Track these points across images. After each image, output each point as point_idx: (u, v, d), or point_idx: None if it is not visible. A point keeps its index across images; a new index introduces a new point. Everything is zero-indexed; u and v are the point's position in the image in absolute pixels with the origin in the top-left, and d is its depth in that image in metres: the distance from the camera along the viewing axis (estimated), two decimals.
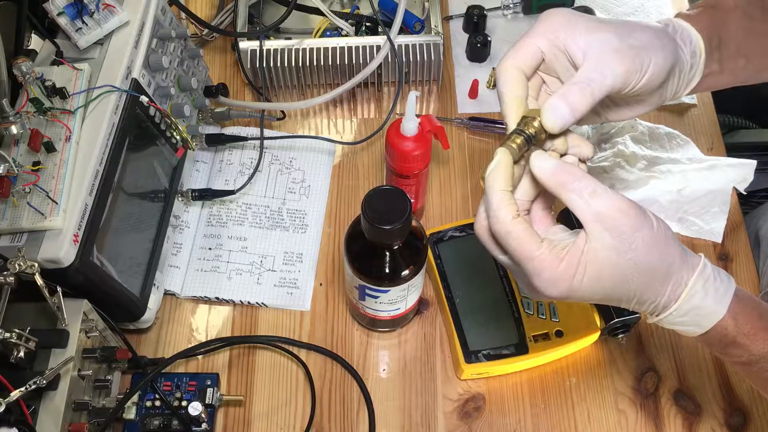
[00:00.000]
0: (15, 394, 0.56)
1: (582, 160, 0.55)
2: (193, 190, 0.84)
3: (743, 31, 0.62)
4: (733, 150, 0.91)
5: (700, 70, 0.60)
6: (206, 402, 0.74)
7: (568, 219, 0.81)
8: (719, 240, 0.85)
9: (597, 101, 0.51)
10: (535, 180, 0.52)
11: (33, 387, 0.57)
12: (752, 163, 0.87)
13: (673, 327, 0.55)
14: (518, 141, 0.52)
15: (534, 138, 0.52)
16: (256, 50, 0.89)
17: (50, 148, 0.63)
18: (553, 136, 0.53)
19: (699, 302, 0.52)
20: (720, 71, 0.62)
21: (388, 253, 0.67)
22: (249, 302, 0.82)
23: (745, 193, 0.87)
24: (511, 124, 0.53)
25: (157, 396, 0.74)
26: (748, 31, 0.63)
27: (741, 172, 0.86)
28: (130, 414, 0.72)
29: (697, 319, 0.53)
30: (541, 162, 0.51)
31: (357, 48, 0.89)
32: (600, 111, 0.60)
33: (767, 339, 0.54)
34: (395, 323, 0.79)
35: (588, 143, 0.55)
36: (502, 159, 0.51)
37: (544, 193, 0.55)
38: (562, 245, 0.51)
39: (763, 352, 0.54)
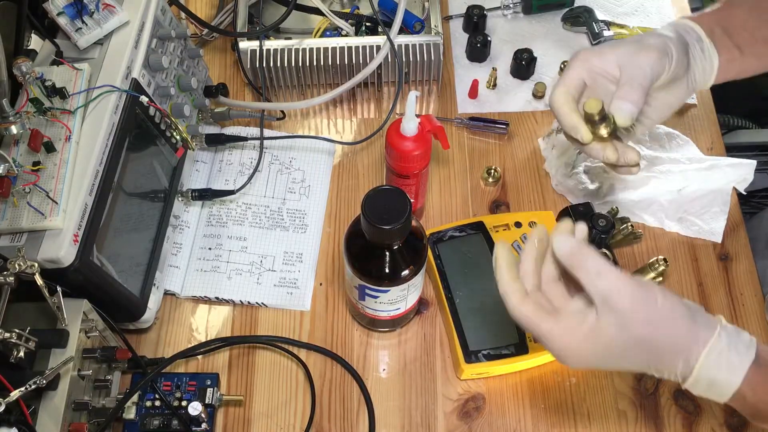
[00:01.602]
0: (15, 394, 0.56)
1: (631, 165, 0.65)
2: (193, 190, 0.84)
3: (754, 20, 0.69)
4: (733, 150, 0.91)
5: (713, 52, 0.67)
6: (206, 402, 0.74)
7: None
8: (719, 240, 0.85)
9: (647, 90, 0.62)
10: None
11: (33, 387, 0.57)
12: (752, 163, 0.87)
13: (700, 395, 0.55)
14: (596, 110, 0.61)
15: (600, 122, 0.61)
16: (256, 50, 0.89)
17: (50, 148, 0.63)
18: (608, 140, 0.64)
19: (713, 375, 0.53)
20: (742, 55, 0.69)
21: (388, 253, 0.67)
22: (249, 302, 0.82)
23: (745, 193, 0.87)
24: (573, 120, 0.63)
25: (157, 396, 0.74)
26: (760, 19, 0.69)
27: (741, 172, 0.86)
28: (130, 414, 0.72)
29: (715, 389, 0.54)
30: (560, 244, 0.56)
31: (357, 48, 0.89)
32: (650, 112, 0.68)
33: None
34: (395, 323, 0.79)
35: (634, 150, 0.65)
36: (498, 255, 0.58)
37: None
38: (574, 319, 0.54)
39: None
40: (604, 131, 0.62)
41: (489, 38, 0.97)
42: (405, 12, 0.89)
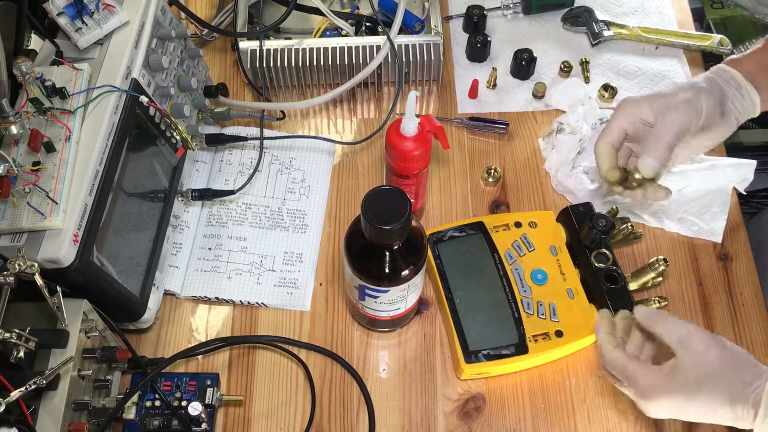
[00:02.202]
0: (15, 394, 0.56)
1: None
2: (193, 190, 0.84)
3: None
4: (733, 150, 0.91)
5: (753, 93, 0.74)
6: (206, 402, 0.74)
7: (568, 219, 0.81)
8: (719, 240, 0.85)
9: (672, 146, 0.71)
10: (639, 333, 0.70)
11: (33, 387, 0.57)
12: (752, 163, 0.87)
13: None
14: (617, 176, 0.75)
15: (626, 175, 0.74)
16: (256, 50, 0.89)
17: (50, 148, 0.63)
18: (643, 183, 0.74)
19: None
20: None
21: (388, 253, 0.67)
22: (249, 302, 0.82)
23: (745, 193, 0.87)
24: (610, 176, 0.75)
25: (157, 396, 0.74)
26: None
27: (741, 172, 0.86)
28: (130, 414, 0.72)
29: None
30: (641, 311, 0.68)
31: (357, 48, 0.89)
32: (686, 152, 0.76)
33: None
34: (395, 323, 0.79)
35: (663, 188, 0.74)
36: (601, 319, 0.72)
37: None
38: (656, 366, 0.65)
39: None
40: (633, 183, 0.74)
41: (489, 38, 0.97)
42: (405, 12, 0.89)
